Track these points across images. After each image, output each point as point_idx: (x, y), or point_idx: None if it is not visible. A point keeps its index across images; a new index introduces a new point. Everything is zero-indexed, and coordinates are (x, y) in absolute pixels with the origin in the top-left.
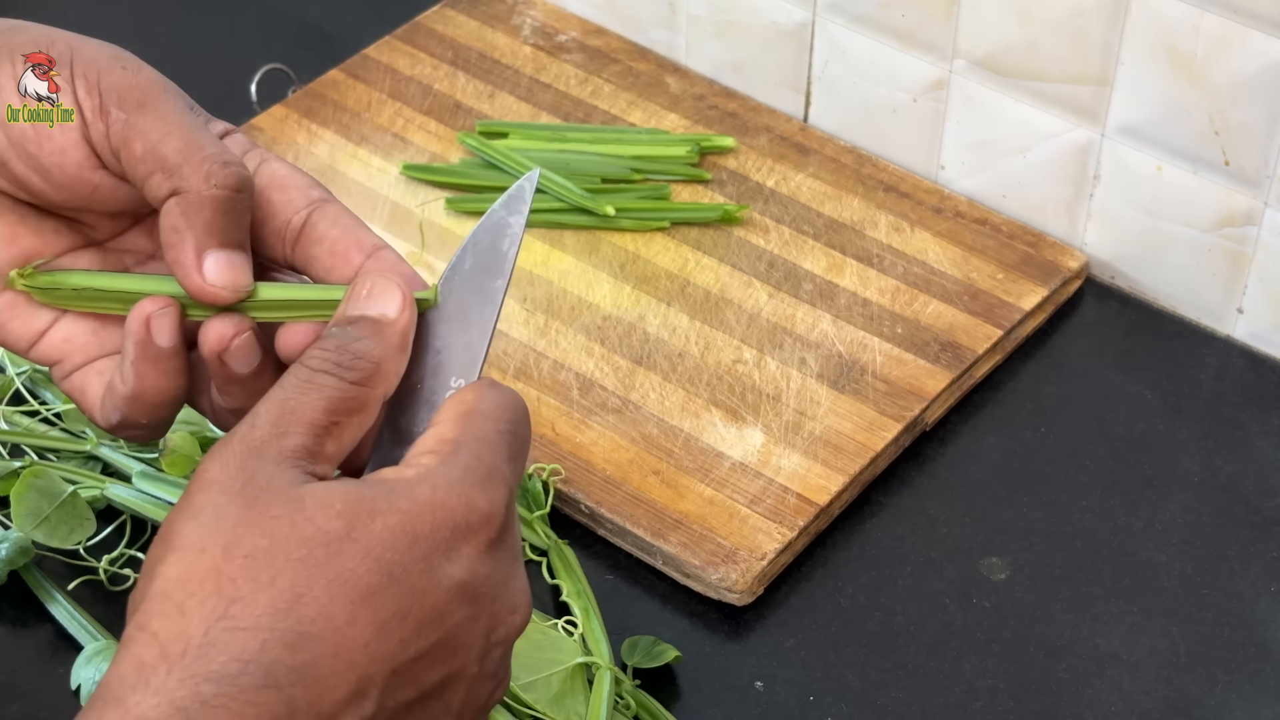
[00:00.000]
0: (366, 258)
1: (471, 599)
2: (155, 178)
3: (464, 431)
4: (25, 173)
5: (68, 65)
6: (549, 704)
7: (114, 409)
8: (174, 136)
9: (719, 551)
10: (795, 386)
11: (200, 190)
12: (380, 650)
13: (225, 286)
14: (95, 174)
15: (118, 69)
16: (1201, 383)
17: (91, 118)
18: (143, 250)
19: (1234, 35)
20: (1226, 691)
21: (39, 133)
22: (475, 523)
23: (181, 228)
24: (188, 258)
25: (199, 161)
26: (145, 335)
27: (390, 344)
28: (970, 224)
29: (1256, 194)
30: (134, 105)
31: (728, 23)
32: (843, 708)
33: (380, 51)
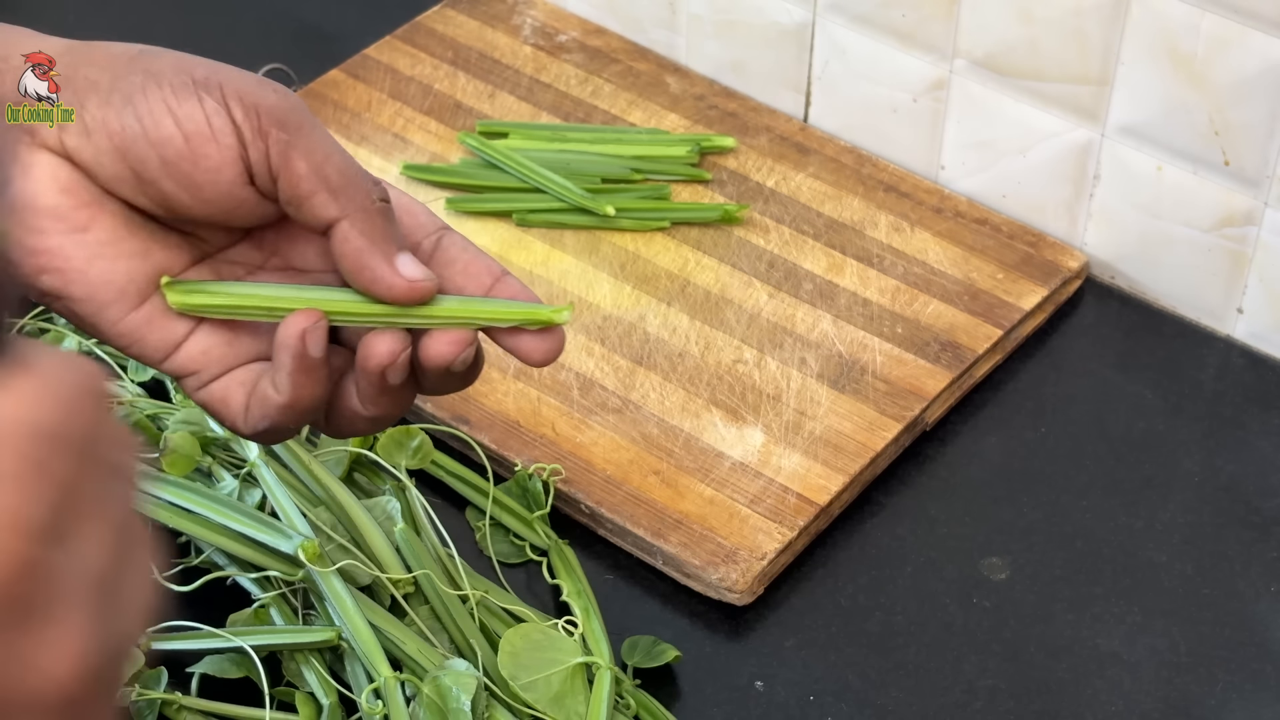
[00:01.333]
0: (495, 281)
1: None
2: (319, 197)
3: None
4: (174, 190)
5: (218, 88)
6: (549, 704)
7: (263, 417)
8: (335, 157)
9: (719, 551)
10: (795, 386)
11: (368, 208)
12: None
13: (425, 278)
14: (243, 190)
15: (270, 92)
16: (1202, 383)
17: (251, 137)
18: (251, 262)
19: (1234, 35)
20: (1227, 691)
21: (195, 151)
22: None
23: (365, 245)
24: (382, 268)
25: (359, 182)
26: (301, 348)
27: None
28: (970, 224)
29: (1256, 194)
30: (294, 127)
31: (728, 23)
32: (843, 708)
33: (380, 51)
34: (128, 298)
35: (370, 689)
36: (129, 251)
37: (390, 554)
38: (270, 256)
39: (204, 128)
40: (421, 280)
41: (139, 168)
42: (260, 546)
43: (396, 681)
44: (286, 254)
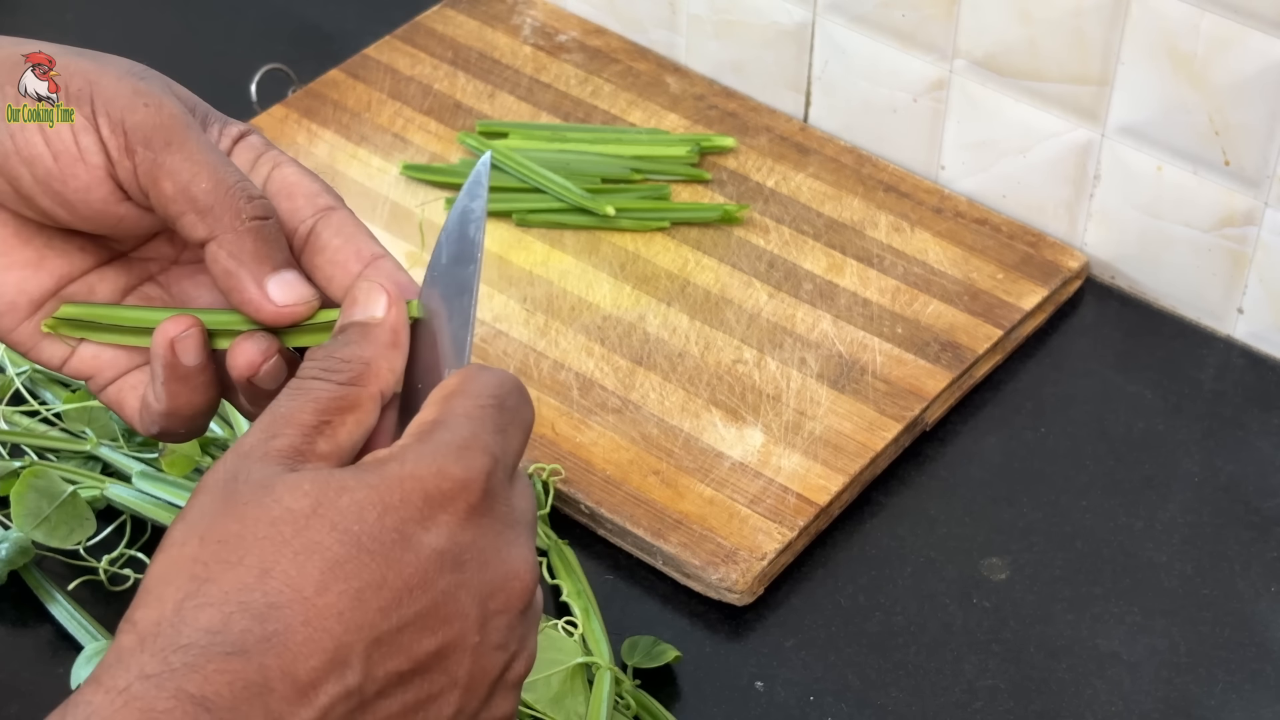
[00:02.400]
0: (365, 266)
1: (455, 566)
2: (188, 218)
3: (443, 412)
4: (51, 206)
5: (88, 102)
6: (549, 704)
7: (152, 422)
8: (202, 176)
9: (719, 551)
10: (795, 386)
11: (236, 228)
12: (357, 618)
13: (296, 302)
14: (120, 207)
15: (140, 106)
16: (1201, 383)
17: (118, 156)
18: (165, 257)
19: (1234, 35)
20: (1226, 691)
21: (64, 171)
22: (450, 490)
23: (233, 267)
24: (251, 291)
25: (229, 200)
26: (171, 357)
27: (379, 342)
28: (970, 224)
29: (1256, 194)
30: (161, 144)
31: (728, 23)
32: (843, 708)
33: (380, 51)
34: (18, 309)
35: None
36: (20, 262)
37: None
38: (183, 250)
39: (71, 147)
40: (292, 304)
41: (14, 183)
42: None
43: None
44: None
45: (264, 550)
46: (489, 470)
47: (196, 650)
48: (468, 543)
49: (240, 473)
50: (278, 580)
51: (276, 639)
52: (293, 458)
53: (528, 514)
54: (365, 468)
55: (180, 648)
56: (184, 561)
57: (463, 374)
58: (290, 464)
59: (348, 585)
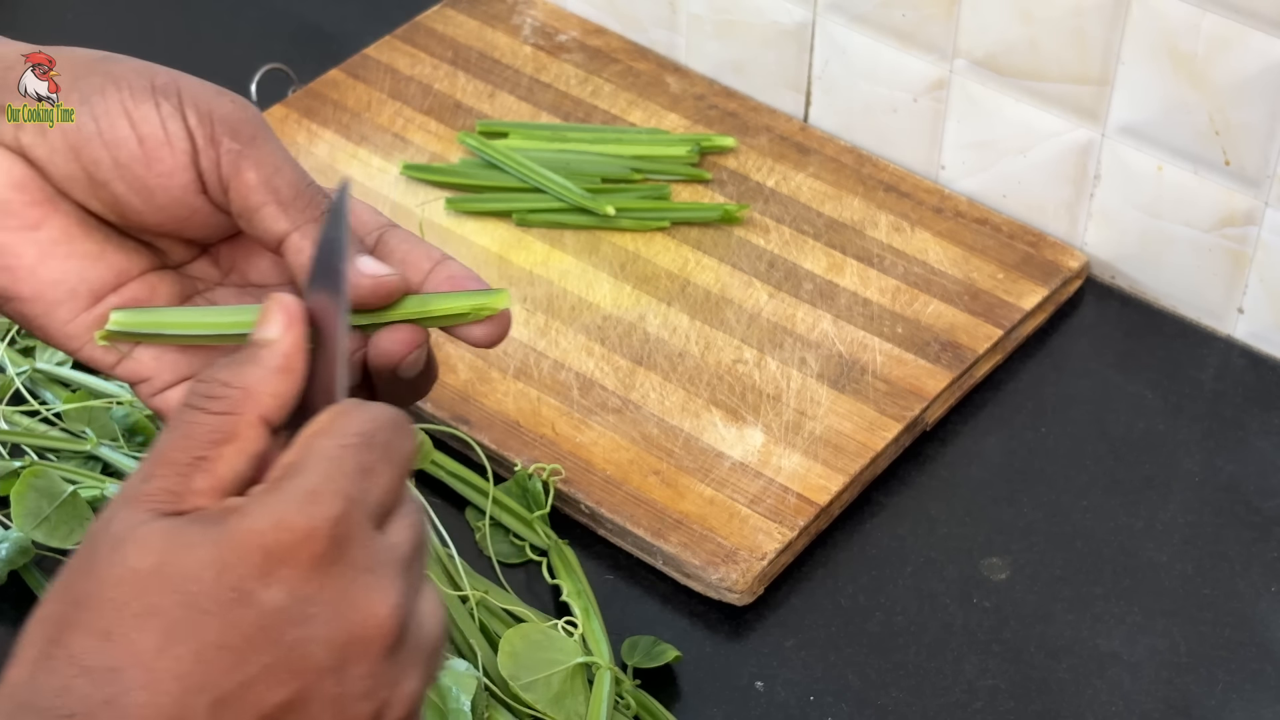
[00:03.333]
0: (434, 265)
1: (300, 620)
2: (269, 209)
3: (302, 453)
4: (126, 193)
5: (175, 94)
6: (549, 704)
7: None
8: (285, 169)
9: (719, 551)
10: (795, 386)
11: (317, 218)
12: (197, 679)
13: (389, 274)
14: (196, 198)
15: (226, 102)
16: (1202, 383)
17: (203, 145)
18: (209, 278)
19: (1234, 35)
20: (1227, 691)
21: (149, 155)
22: (289, 543)
23: None
24: None
25: (308, 193)
26: None
27: (265, 366)
28: (970, 224)
29: (1256, 194)
30: (246, 138)
31: (728, 23)
32: (843, 708)
33: (380, 51)
34: (78, 299)
35: None
36: (81, 252)
37: None
38: (228, 273)
39: (158, 131)
40: (385, 275)
41: (92, 169)
42: None
43: None
44: (244, 270)
45: (107, 612)
46: (338, 516)
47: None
48: (313, 595)
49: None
50: (118, 644)
51: (115, 703)
52: (165, 501)
53: (400, 550)
54: (210, 520)
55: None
56: (45, 619)
57: (333, 412)
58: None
59: (186, 647)
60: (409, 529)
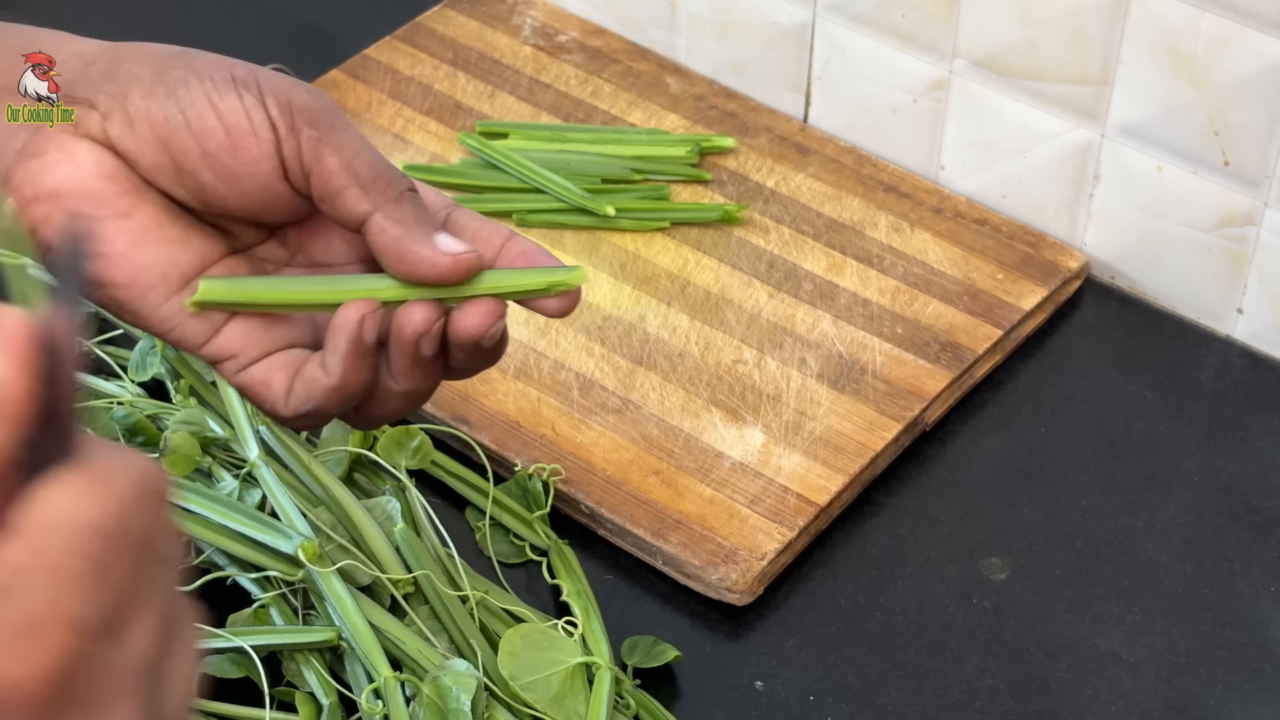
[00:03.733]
0: (505, 242)
1: None
2: (351, 192)
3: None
4: (213, 181)
5: (255, 85)
6: (549, 704)
7: (308, 399)
8: (363, 155)
9: (719, 551)
10: (795, 386)
11: (397, 199)
12: None
13: (468, 250)
14: (279, 184)
15: (303, 92)
16: (1201, 383)
17: (285, 133)
18: (278, 259)
19: (1234, 35)
20: (1226, 691)
21: (235, 144)
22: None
23: (402, 233)
24: (424, 250)
25: (386, 175)
26: (358, 333)
27: None
28: (970, 224)
29: (1256, 194)
30: (325, 125)
31: (728, 23)
32: (843, 708)
33: (380, 51)
34: (169, 283)
35: (370, 689)
36: (170, 238)
37: (390, 554)
38: (295, 254)
39: (244, 121)
40: (464, 253)
41: (180, 158)
42: (260, 546)
43: (396, 681)
44: (310, 250)
45: None
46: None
47: None
48: None
49: None
50: None
51: None
52: None
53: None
54: None
55: None
56: None
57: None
58: None
59: None
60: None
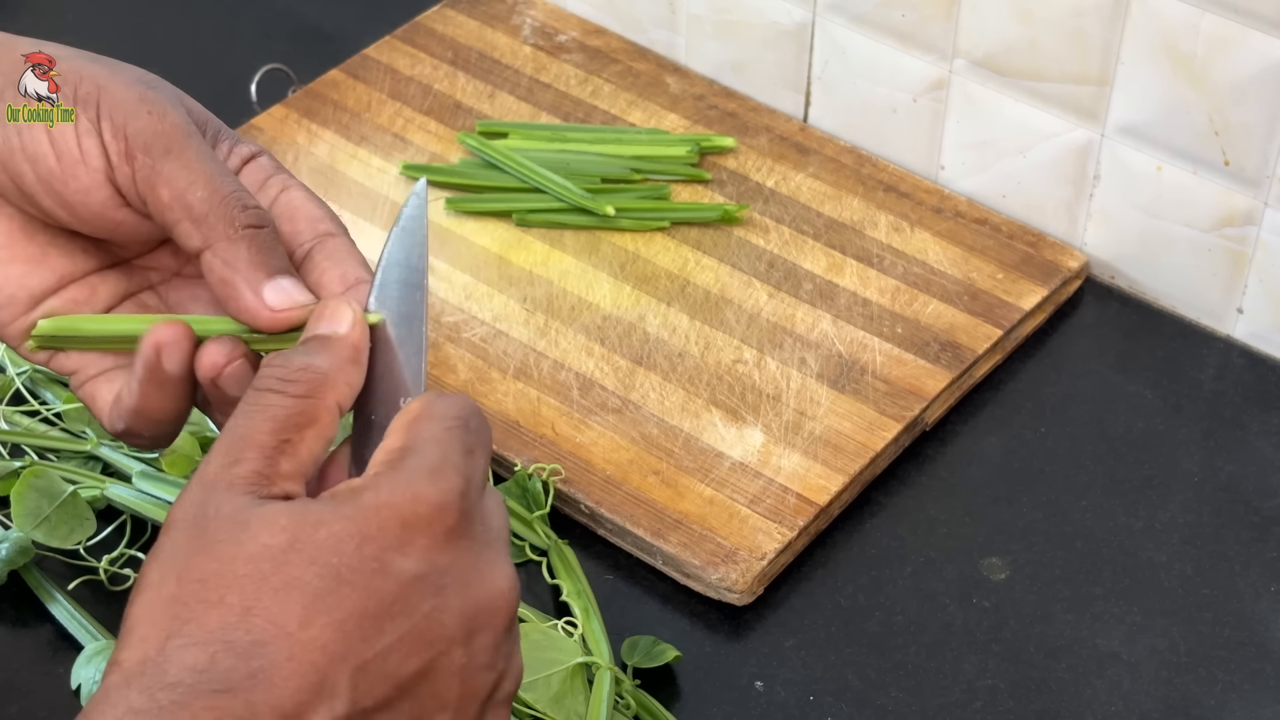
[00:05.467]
0: (346, 289)
1: (435, 589)
2: (183, 225)
3: (410, 437)
4: (52, 206)
5: (94, 106)
6: (549, 704)
7: (119, 418)
8: (199, 185)
9: (719, 551)
10: (795, 386)
11: (230, 236)
12: (340, 649)
13: (292, 307)
14: (119, 212)
15: (144, 113)
16: (1201, 383)
17: (117, 161)
18: (168, 268)
19: (1234, 35)
20: (1226, 691)
21: (65, 172)
22: (425, 514)
23: (229, 275)
24: (247, 299)
25: (223, 208)
26: (155, 361)
27: (339, 356)
28: (970, 224)
29: (1256, 194)
30: (160, 151)
31: (728, 23)
32: (843, 708)
33: (380, 51)
34: (17, 304)
35: None
36: (23, 257)
37: None
38: (185, 263)
39: (74, 148)
40: (288, 309)
41: (18, 180)
42: None
43: None
44: None
45: (244, 588)
46: (462, 491)
47: (184, 689)
48: (447, 565)
49: (209, 506)
50: (260, 617)
51: (262, 675)
52: (258, 484)
53: (503, 531)
54: (340, 498)
55: (167, 686)
56: (164, 601)
57: (424, 400)
58: (257, 490)
59: (330, 617)
60: (502, 510)
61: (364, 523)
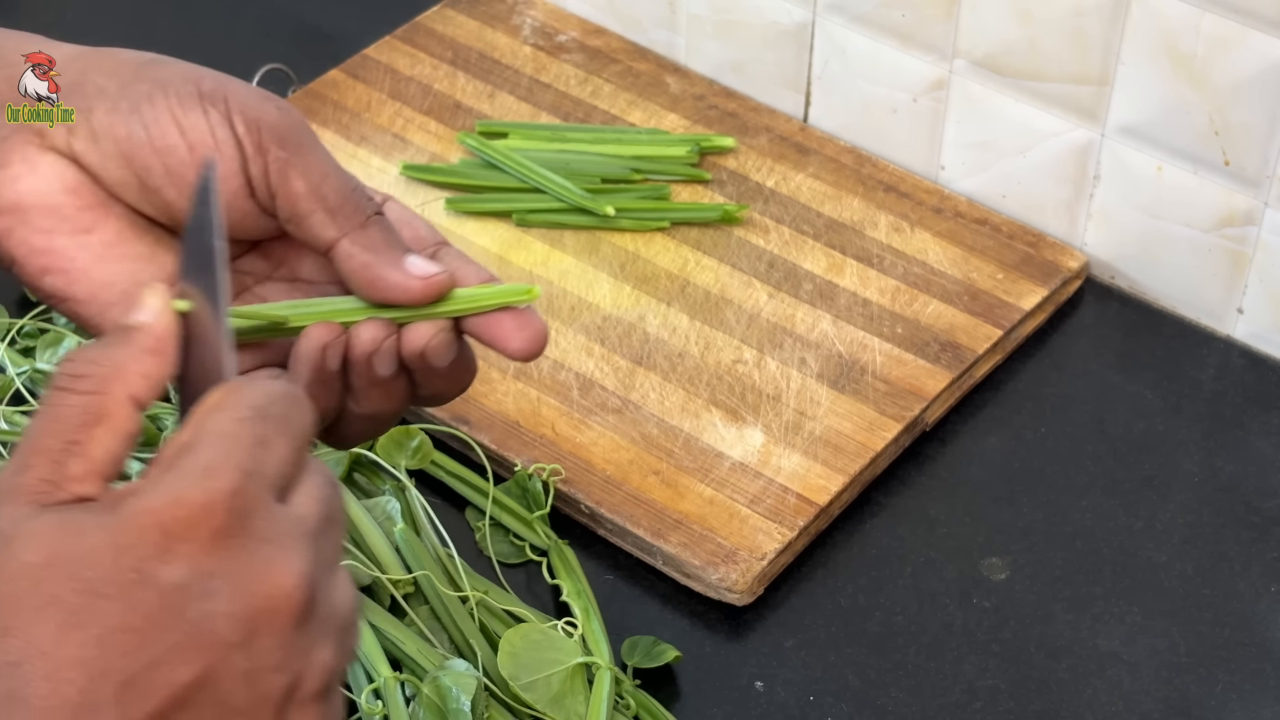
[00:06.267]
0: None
1: (202, 595)
2: (318, 216)
3: (195, 432)
4: (177, 198)
5: (223, 100)
6: (549, 704)
7: None
8: (331, 177)
9: (719, 551)
10: (795, 386)
11: (363, 223)
12: (101, 665)
13: (439, 272)
14: (245, 203)
15: (272, 109)
16: (1201, 383)
17: (252, 153)
18: (258, 272)
19: (1234, 35)
20: (1226, 691)
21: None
22: (188, 518)
23: (370, 259)
24: (394, 276)
25: (354, 199)
26: (320, 360)
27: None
28: (970, 224)
29: (1256, 194)
30: (293, 145)
31: (728, 23)
32: (843, 708)
33: (380, 51)
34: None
35: (370, 689)
36: (134, 254)
37: (390, 554)
38: (277, 267)
39: (207, 138)
40: (435, 274)
41: (143, 175)
42: None
43: (396, 682)
44: (294, 265)
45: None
46: (235, 489)
47: None
48: (214, 569)
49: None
50: (17, 638)
51: (18, 697)
52: (44, 492)
53: (306, 522)
54: (104, 507)
55: None
56: None
57: (223, 389)
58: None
59: (87, 633)
60: (315, 501)
61: (121, 532)
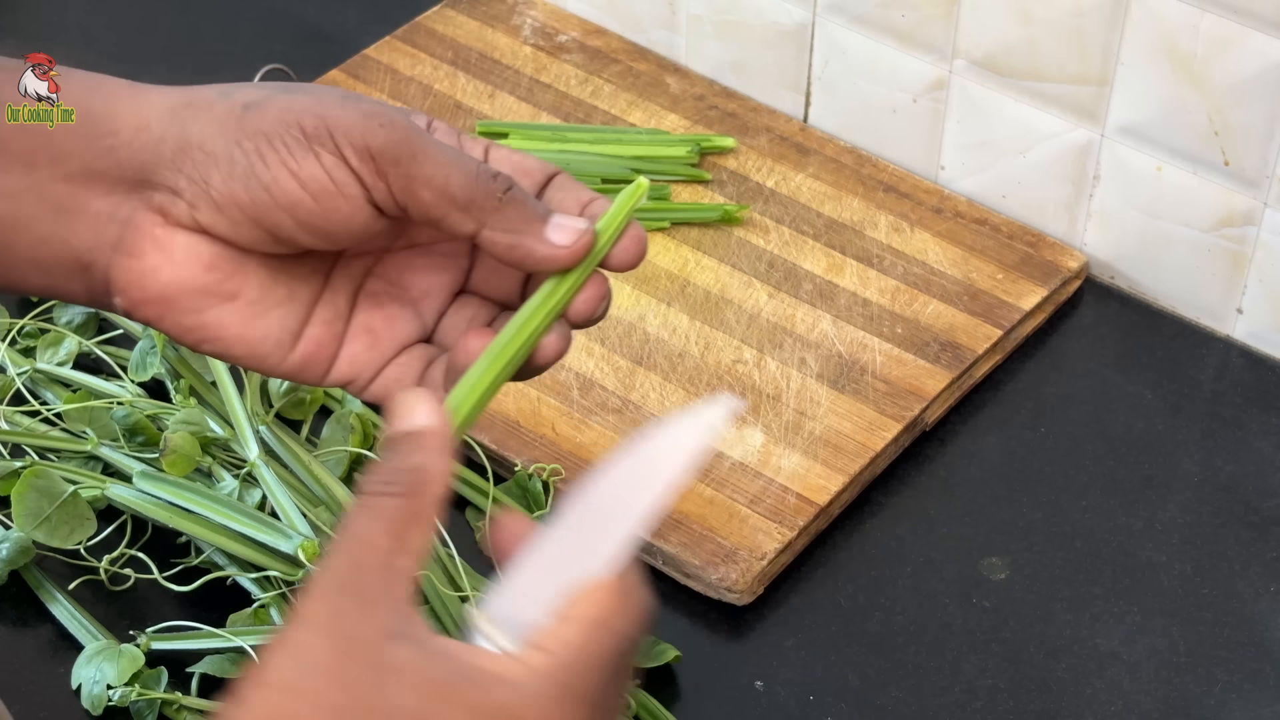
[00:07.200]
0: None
1: None
2: (453, 216)
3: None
4: (313, 242)
5: (328, 138)
6: None
7: None
8: (453, 175)
9: (719, 551)
10: (795, 386)
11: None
12: None
13: (585, 228)
14: (379, 223)
15: (376, 128)
16: (1201, 383)
17: (372, 182)
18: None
19: (1234, 35)
20: (1226, 691)
21: (325, 208)
22: None
23: (514, 240)
24: (540, 250)
25: (481, 186)
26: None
27: (429, 449)
28: (970, 224)
29: (1256, 194)
30: (408, 159)
31: (728, 23)
32: (843, 708)
33: (380, 51)
34: (284, 346)
35: None
36: (277, 301)
37: None
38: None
39: (328, 185)
40: (577, 237)
41: (275, 230)
42: (260, 546)
43: None
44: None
45: None
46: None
47: None
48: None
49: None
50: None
51: None
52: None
53: None
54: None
55: None
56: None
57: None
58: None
59: None
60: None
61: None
